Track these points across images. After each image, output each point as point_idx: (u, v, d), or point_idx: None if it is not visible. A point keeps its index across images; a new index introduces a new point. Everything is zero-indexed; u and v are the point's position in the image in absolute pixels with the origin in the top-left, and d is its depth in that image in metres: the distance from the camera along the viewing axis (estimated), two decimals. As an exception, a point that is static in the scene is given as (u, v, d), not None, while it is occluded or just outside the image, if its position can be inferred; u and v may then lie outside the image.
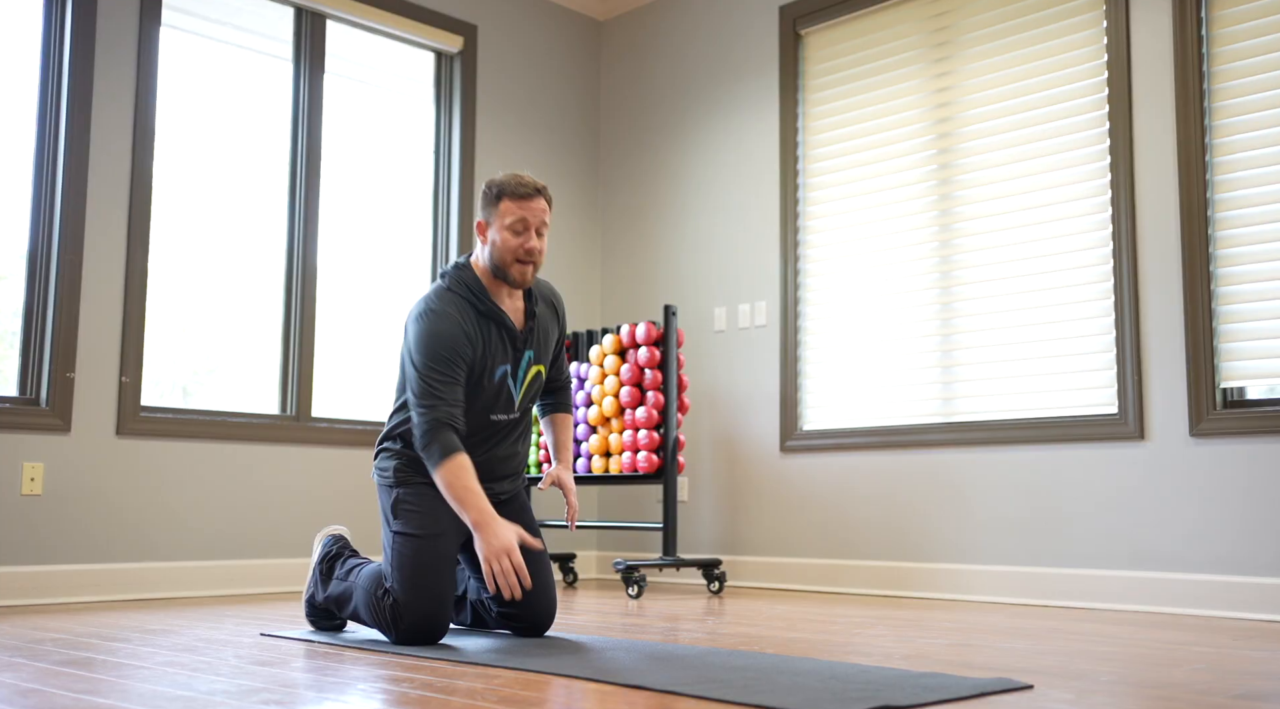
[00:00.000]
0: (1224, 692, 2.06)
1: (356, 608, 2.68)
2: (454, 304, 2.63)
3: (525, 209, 2.63)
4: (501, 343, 2.67)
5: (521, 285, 2.68)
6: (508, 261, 2.64)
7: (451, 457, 2.51)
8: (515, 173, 2.69)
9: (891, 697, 1.89)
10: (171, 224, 4.21)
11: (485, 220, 2.68)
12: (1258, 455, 3.53)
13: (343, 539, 2.91)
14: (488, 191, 2.67)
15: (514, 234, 2.62)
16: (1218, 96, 3.72)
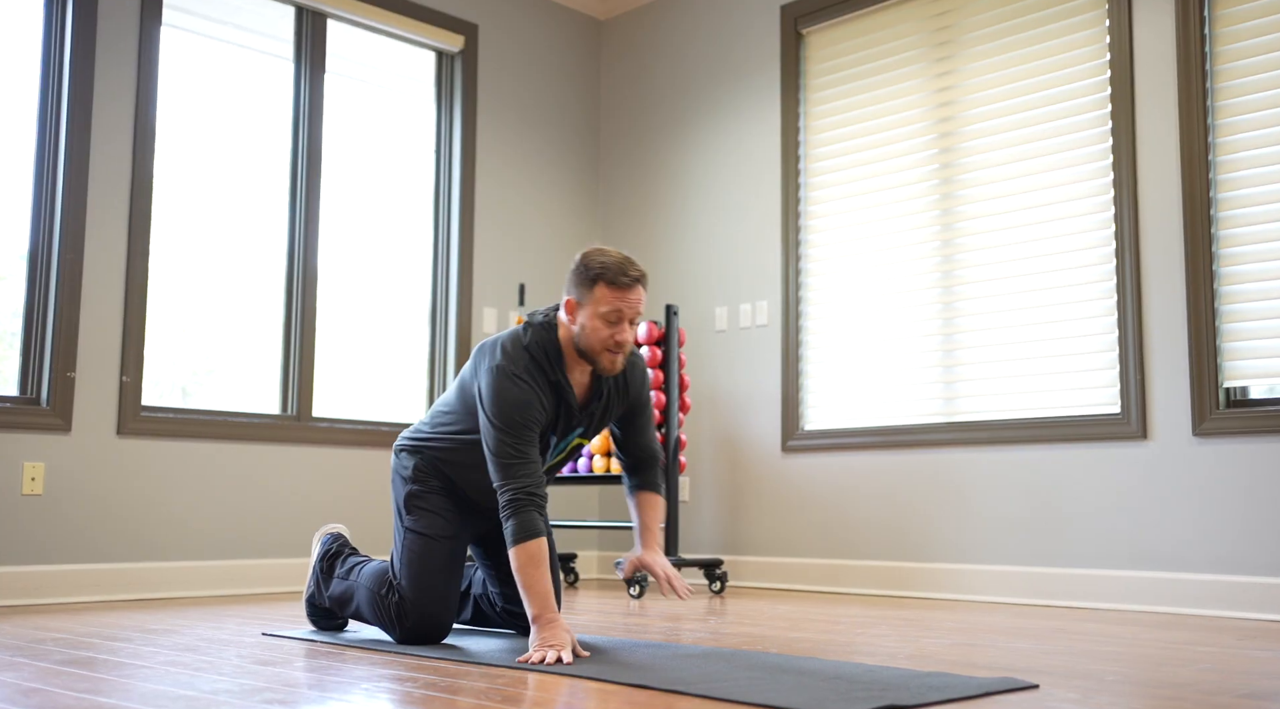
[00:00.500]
0: (1230, 691, 2.05)
1: (359, 606, 2.67)
2: (529, 370, 2.43)
3: (623, 299, 2.41)
4: (559, 415, 2.50)
5: (609, 373, 2.49)
6: (596, 350, 2.43)
7: (532, 539, 2.34)
8: (614, 253, 2.45)
9: (897, 696, 1.89)
10: (172, 224, 4.20)
11: (576, 300, 2.43)
12: (1261, 455, 3.53)
13: (341, 537, 2.90)
14: (583, 271, 2.43)
15: (607, 324, 2.41)
16: (1220, 95, 3.72)
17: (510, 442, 2.38)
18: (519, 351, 2.45)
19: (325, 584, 2.78)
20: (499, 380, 2.41)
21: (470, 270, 4.96)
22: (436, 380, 4.90)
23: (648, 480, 2.70)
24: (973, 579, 4.10)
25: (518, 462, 2.38)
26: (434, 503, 2.64)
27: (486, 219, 5.06)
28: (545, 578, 2.34)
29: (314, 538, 2.94)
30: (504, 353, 2.45)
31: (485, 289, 5.02)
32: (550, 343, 2.46)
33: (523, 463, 2.38)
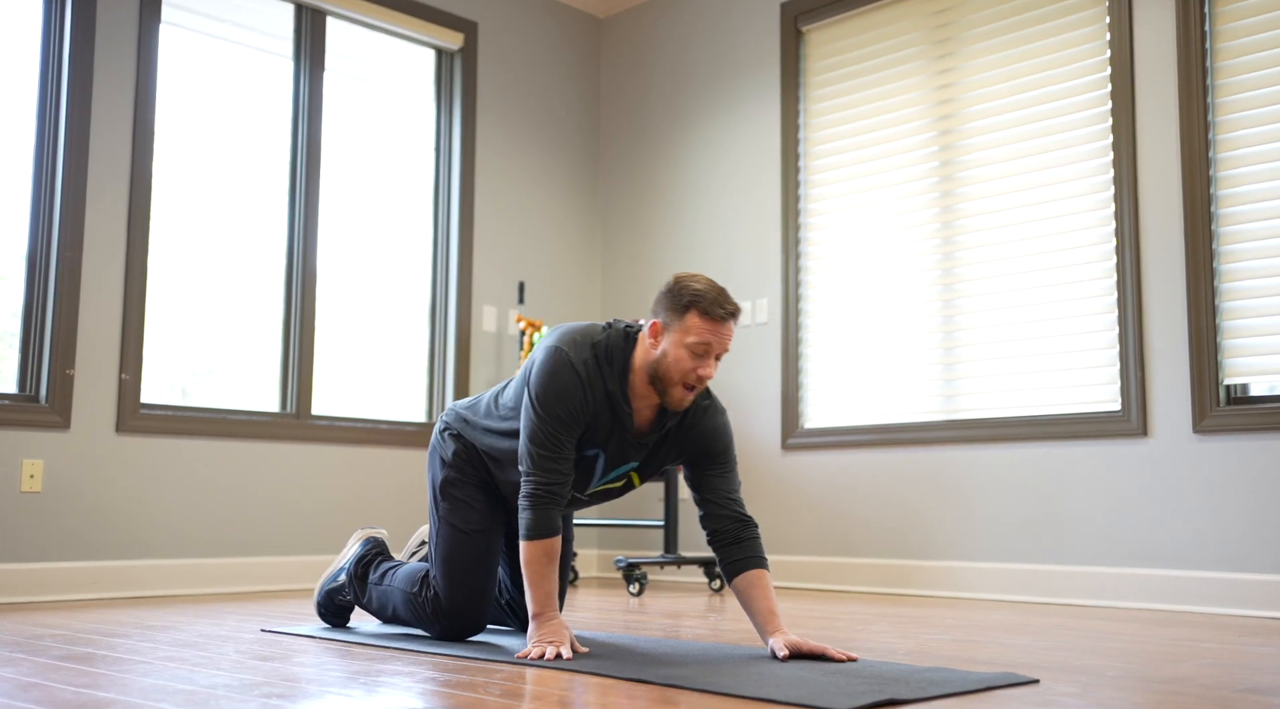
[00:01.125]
0: (1231, 685, 2.05)
1: (396, 609, 2.65)
2: (587, 367, 2.29)
3: (715, 333, 2.24)
4: (610, 433, 2.34)
5: (676, 408, 2.31)
6: (672, 380, 2.26)
7: (547, 538, 2.27)
8: (710, 281, 2.29)
9: (897, 691, 1.88)
10: (171, 221, 4.20)
11: (663, 325, 2.27)
12: (1261, 452, 3.52)
13: (381, 544, 2.83)
14: (676, 295, 2.26)
15: (692, 355, 2.24)
16: (1221, 92, 3.72)
17: (547, 431, 2.28)
18: (586, 346, 2.32)
19: (360, 590, 2.73)
20: (554, 362, 2.29)
21: (470, 268, 4.96)
22: (436, 378, 4.90)
23: (753, 552, 2.34)
24: (973, 577, 4.10)
25: (548, 455, 2.29)
26: (469, 494, 2.56)
27: (486, 217, 5.06)
28: (553, 576, 2.29)
29: (352, 537, 2.86)
30: (571, 340, 2.32)
31: (485, 287, 5.01)
32: (622, 353, 2.31)
33: (553, 458, 2.29)
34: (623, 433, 2.34)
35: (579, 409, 2.29)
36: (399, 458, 4.64)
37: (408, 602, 2.60)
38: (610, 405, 2.31)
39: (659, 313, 2.30)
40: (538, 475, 2.29)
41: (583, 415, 2.30)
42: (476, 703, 1.81)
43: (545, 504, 2.28)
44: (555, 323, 5.18)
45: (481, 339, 4.99)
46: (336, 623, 2.84)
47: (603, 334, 2.34)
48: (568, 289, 5.34)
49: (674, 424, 2.38)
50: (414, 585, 2.60)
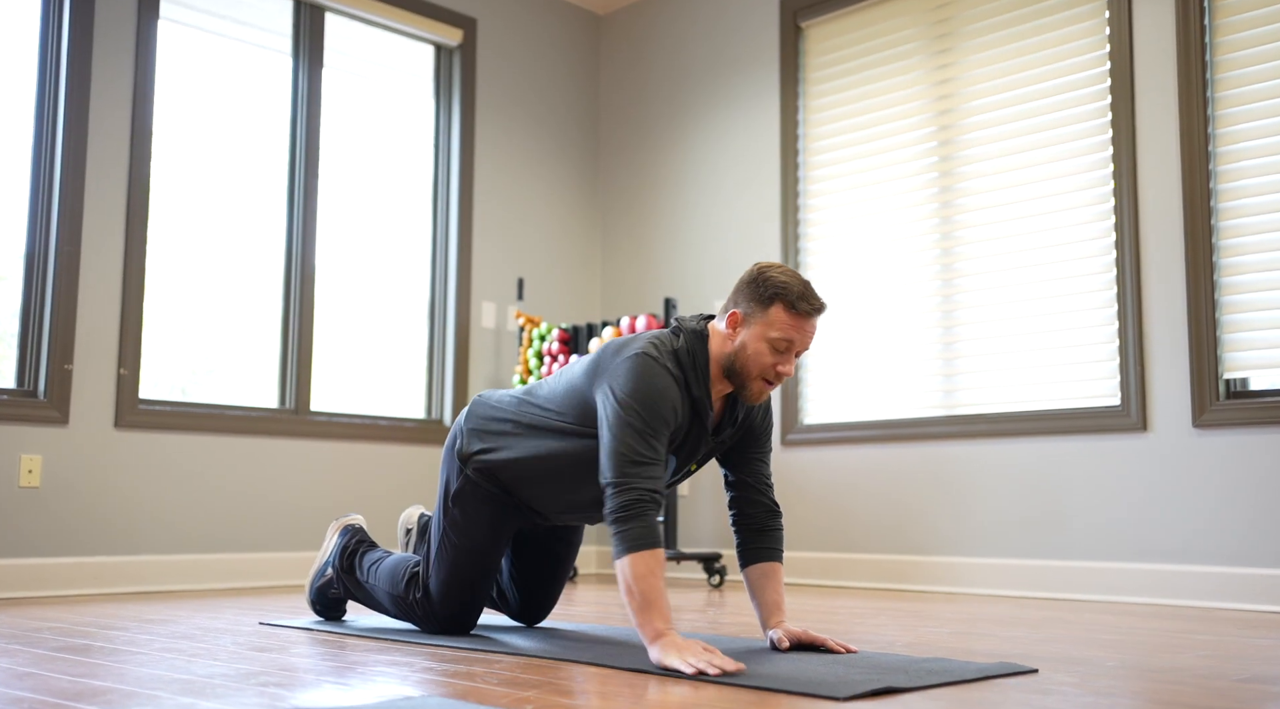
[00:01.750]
0: (1228, 675, 2.05)
1: (383, 606, 2.63)
2: (676, 373, 2.18)
3: (799, 328, 2.17)
4: (688, 437, 2.26)
5: (751, 402, 2.25)
6: (750, 374, 2.18)
7: (651, 549, 2.04)
8: (795, 274, 2.19)
9: (896, 680, 1.88)
10: (170, 217, 4.20)
11: (743, 315, 2.19)
12: (1261, 446, 3.52)
13: (360, 532, 2.80)
14: (760, 287, 2.18)
15: (773, 350, 2.16)
16: (1220, 87, 3.71)
17: (643, 434, 2.10)
18: (669, 352, 2.20)
19: (349, 584, 2.70)
20: (645, 366, 2.15)
21: (469, 264, 4.95)
22: (435, 374, 4.89)
23: (772, 543, 2.33)
24: (972, 572, 4.09)
25: (646, 460, 2.09)
26: (479, 510, 2.44)
27: (485, 213, 5.06)
28: (664, 592, 2.05)
29: (330, 529, 2.82)
30: (654, 346, 2.19)
31: (484, 283, 5.01)
32: (701, 354, 2.21)
33: (651, 463, 2.10)
34: (700, 434, 2.25)
35: (675, 413, 2.16)
36: (398, 454, 4.63)
37: (394, 603, 2.58)
38: (695, 410, 2.22)
39: (739, 302, 2.20)
40: (635, 482, 2.08)
41: (676, 421, 2.17)
42: (474, 691, 1.80)
43: (648, 511, 2.07)
44: (554, 319, 5.18)
45: (480, 335, 4.98)
46: (332, 616, 2.81)
47: (679, 338, 2.23)
48: (567, 285, 5.33)
49: (742, 414, 2.32)
50: (399, 586, 2.54)
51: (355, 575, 2.70)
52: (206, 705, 1.67)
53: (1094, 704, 1.74)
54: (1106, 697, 1.81)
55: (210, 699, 1.72)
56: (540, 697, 1.75)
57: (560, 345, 4.70)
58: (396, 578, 2.57)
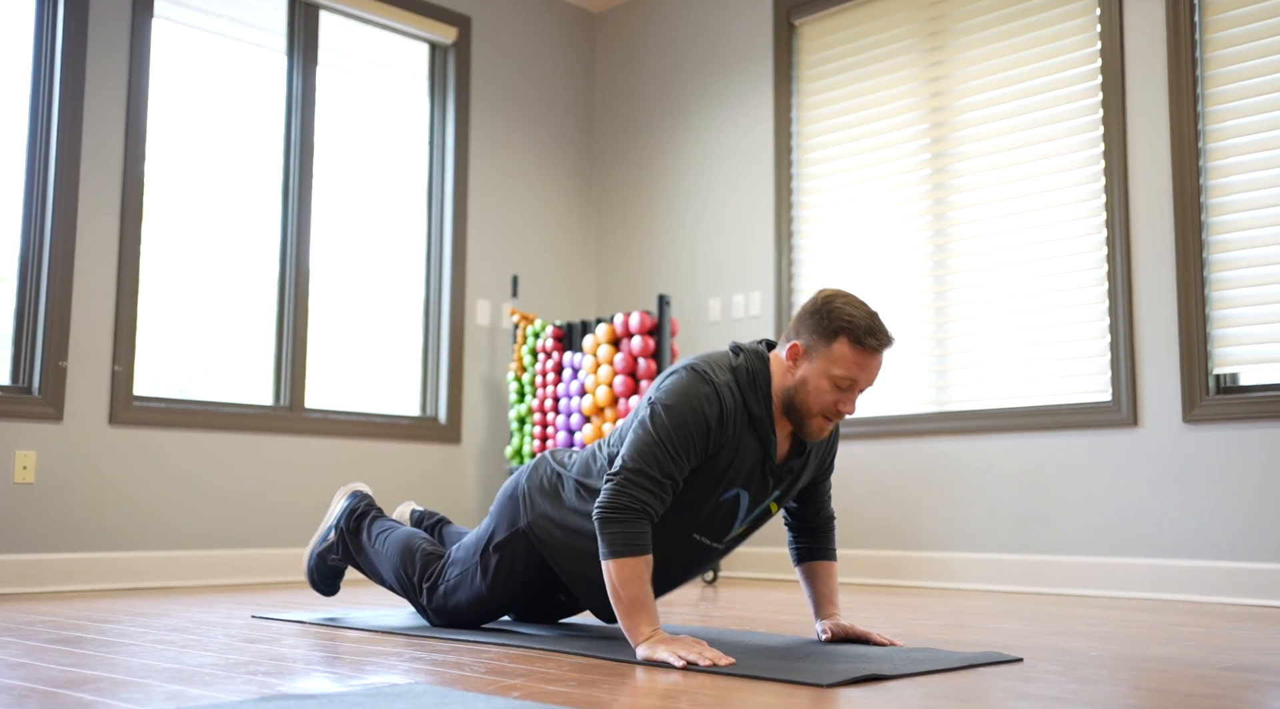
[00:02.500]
0: (1213, 664, 2.06)
1: (384, 578, 2.60)
2: (731, 389, 2.08)
3: (864, 366, 2.05)
4: (755, 466, 2.13)
5: (811, 440, 2.14)
6: (810, 411, 2.08)
7: (639, 555, 1.99)
8: (864, 306, 2.08)
9: (880, 668, 1.89)
10: (164, 214, 4.21)
11: (805, 348, 2.08)
12: (1250, 441, 3.53)
13: (369, 497, 2.77)
14: (824, 319, 2.06)
15: (835, 387, 2.06)
16: (1211, 83, 3.73)
17: (663, 447, 2.02)
18: (725, 368, 2.10)
19: (354, 545, 2.65)
20: (689, 382, 2.06)
21: (463, 262, 4.97)
22: (430, 372, 4.90)
23: (823, 545, 2.34)
24: (964, 567, 4.11)
25: (654, 474, 2.01)
26: (513, 571, 2.35)
27: (480, 211, 5.07)
28: (651, 597, 2.01)
29: (336, 494, 2.79)
30: (706, 363, 2.11)
31: (478, 281, 5.02)
32: (763, 374, 2.11)
33: (659, 481, 2.02)
34: (767, 464, 2.14)
35: (707, 433, 2.05)
36: (393, 451, 4.65)
37: (398, 579, 2.56)
38: (756, 433, 2.10)
39: (801, 334, 2.09)
40: (637, 490, 2.01)
41: (708, 442, 2.06)
42: (461, 680, 1.81)
43: (638, 520, 2.00)
44: (549, 316, 5.19)
45: (475, 333, 4.99)
46: (328, 589, 2.78)
47: (738, 356, 2.14)
48: (562, 283, 5.35)
49: (812, 447, 2.23)
50: (409, 566, 2.52)
51: (361, 538, 2.65)
52: (195, 693, 1.68)
53: (1075, 691, 1.75)
54: (1088, 684, 1.82)
55: (199, 686, 1.74)
56: (526, 684, 1.76)
57: (554, 343, 4.72)
58: (408, 557, 2.53)
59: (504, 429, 5.03)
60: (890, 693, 1.72)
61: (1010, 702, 1.66)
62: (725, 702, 1.61)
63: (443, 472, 4.81)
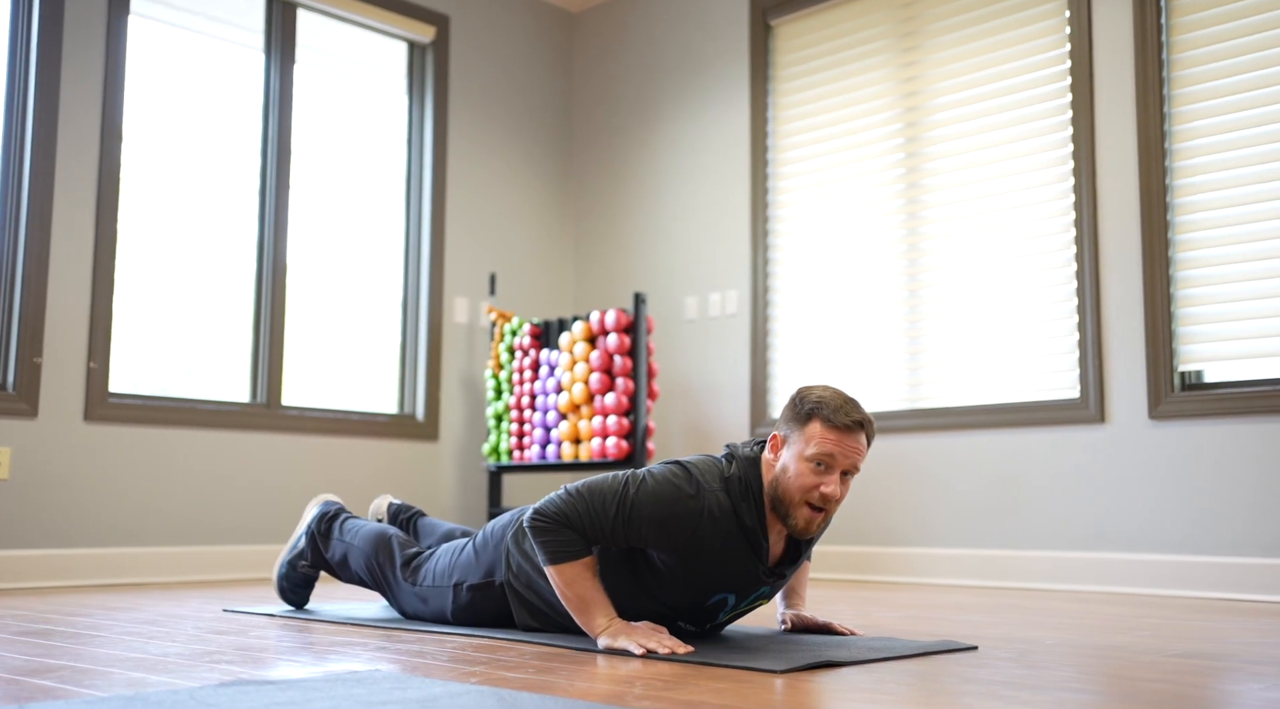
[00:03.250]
0: (1163, 652, 2.10)
1: (354, 567, 2.63)
2: (725, 503, 2.06)
3: (840, 444, 2.04)
4: (744, 572, 2.11)
5: (800, 536, 2.10)
6: (794, 500, 2.05)
7: (581, 557, 2.03)
8: (837, 391, 2.09)
9: (836, 654, 1.93)
10: (140, 212, 4.22)
11: (784, 437, 2.09)
12: (1215, 437, 3.58)
13: (339, 504, 2.82)
14: (798, 405, 2.09)
15: (814, 470, 2.04)
16: (1177, 84, 3.78)
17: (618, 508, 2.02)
18: (717, 478, 2.08)
19: (324, 545, 2.69)
20: (682, 478, 2.07)
21: (441, 260, 4.99)
22: (408, 370, 4.92)
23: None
24: (936, 563, 4.15)
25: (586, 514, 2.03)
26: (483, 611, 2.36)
27: (458, 209, 5.09)
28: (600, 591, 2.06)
29: (309, 505, 2.83)
30: (700, 469, 2.10)
31: (456, 279, 5.05)
32: (756, 482, 2.09)
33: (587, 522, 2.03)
34: (758, 569, 2.11)
35: (664, 531, 2.04)
36: (369, 448, 4.67)
37: (370, 570, 2.59)
38: (748, 542, 2.08)
39: (780, 426, 2.12)
40: (564, 515, 2.04)
41: (663, 539, 2.05)
42: (422, 667, 1.84)
43: (566, 527, 2.04)
44: (527, 314, 5.22)
45: (453, 331, 5.02)
46: (297, 600, 2.81)
47: (730, 465, 2.12)
48: (540, 281, 5.37)
49: (806, 549, 2.22)
50: (380, 553, 2.55)
51: (331, 537, 2.68)
52: (156, 679, 1.71)
53: (1023, 676, 1.79)
54: (1037, 669, 1.86)
55: (161, 674, 1.76)
56: (486, 671, 1.79)
57: (532, 340, 4.74)
58: (382, 546, 2.57)
59: (481, 426, 5.05)
60: (843, 679, 1.76)
61: (958, 685, 1.69)
62: (681, 688, 1.64)
63: (420, 469, 4.83)
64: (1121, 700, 1.59)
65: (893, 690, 1.66)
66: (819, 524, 2.08)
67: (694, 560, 2.06)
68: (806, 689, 1.66)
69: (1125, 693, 1.65)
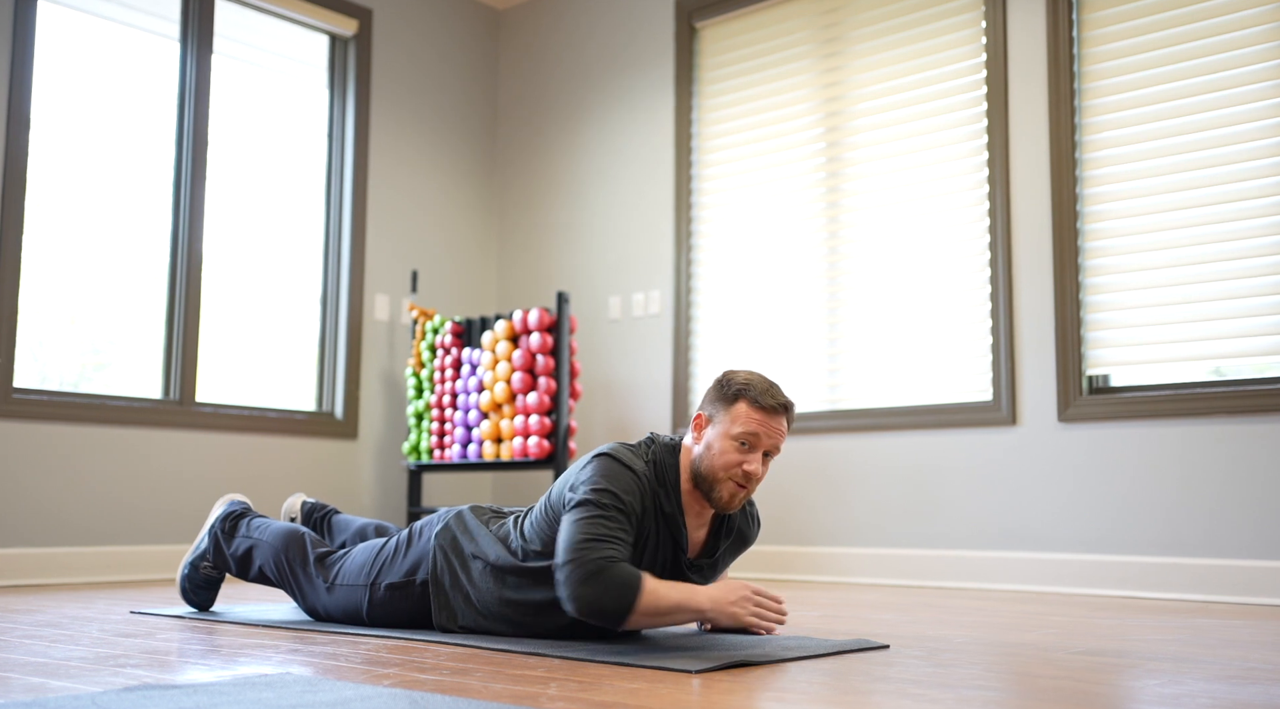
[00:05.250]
0: (1067, 649, 2.16)
1: (261, 563, 2.57)
2: (645, 481, 2.12)
3: (764, 424, 2.11)
4: (667, 562, 2.16)
5: (724, 510, 2.16)
6: (718, 476, 2.11)
7: (641, 584, 1.98)
8: (762, 376, 2.18)
9: (750, 654, 1.95)
10: (49, 202, 4.09)
11: (708, 416, 2.16)
12: (1120, 439, 3.69)
13: (246, 504, 2.77)
14: (724, 386, 2.16)
15: (738, 448, 2.11)
16: (1087, 96, 3.89)
17: (601, 517, 2.02)
18: (639, 461, 2.14)
19: (227, 544, 2.64)
20: (610, 464, 2.10)
21: (362, 256, 4.93)
22: (327, 367, 4.85)
23: None
24: (852, 562, 4.21)
25: (601, 540, 2.00)
26: (400, 610, 2.34)
27: (379, 205, 5.03)
28: (679, 588, 2.05)
29: (215, 505, 2.77)
30: (622, 449, 2.15)
31: (377, 276, 4.99)
32: (673, 469, 2.15)
33: (607, 540, 2.00)
34: (680, 559, 2.16)
35: (639, 510, 2.08)
36: (287, 446, 4.59)
37: (278, 567, 2.54)
38: (668, 528, 2.13)
39: (705, 406, 2.18)
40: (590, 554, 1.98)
41: (638, 521, 2.08)
42: (335, 669, 1.82)
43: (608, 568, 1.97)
44: (448, 312, 5.18)
45: (374, 328, 4.96)
46: (200, 602, 2.73)
47: (650, 449, 2.18)
48: (462, 279, 5.34)
49: (723, 540, 2.24)
50: (290, 550, 2.51)
51: (236, 535, 2.63)
52: (57, 684, 1.66)
53: (931, 673, 1.83)
54: (946, 667, 1.90)
55: (63, 678, 1.71)
56: (400, 674, 1.77)
57: (454, 339, 4.71)
58: (293, 543, 2.52)
59: (401, 425, 5.00)
60: (756, 678, 1.78)
61: (868, 684, 1.72)
62: (596, 689, 1.64)
63: (339, 468, 4.77)
64: (1023, 697, 1.63)
65: (805, 689, 1.68)
66: (741, 498, 2.14)
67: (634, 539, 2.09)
68: (721, 689, 1.67)
69: (1028, 690, 1.70)
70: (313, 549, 2.53)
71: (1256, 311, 3.52)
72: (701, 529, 2.20)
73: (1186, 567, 3.52)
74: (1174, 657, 2.07)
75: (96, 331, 4.24)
